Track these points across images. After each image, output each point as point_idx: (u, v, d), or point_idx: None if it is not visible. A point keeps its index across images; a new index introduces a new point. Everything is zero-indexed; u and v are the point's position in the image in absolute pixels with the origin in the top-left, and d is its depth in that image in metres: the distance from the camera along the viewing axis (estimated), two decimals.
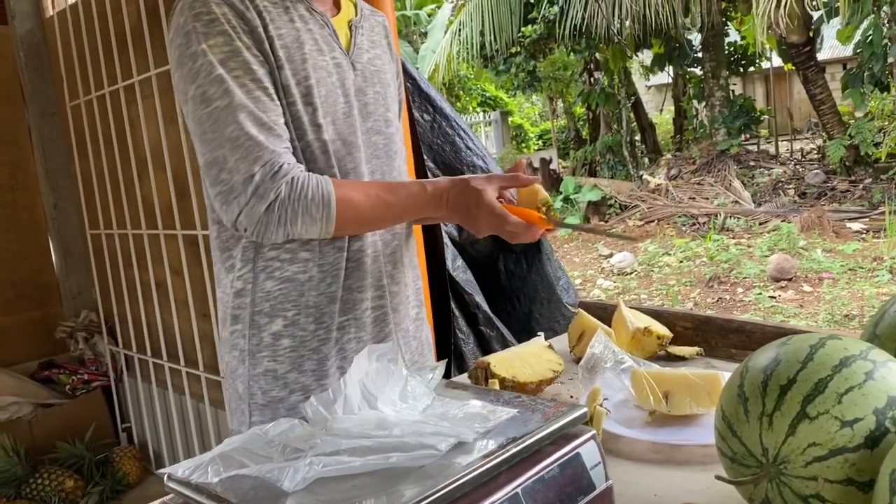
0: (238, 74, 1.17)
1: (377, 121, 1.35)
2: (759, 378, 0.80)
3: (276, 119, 1.19)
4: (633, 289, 7.04)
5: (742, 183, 9.90)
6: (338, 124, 1.27)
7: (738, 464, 0.80)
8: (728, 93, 11.40)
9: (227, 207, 1.17)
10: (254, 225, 1.17)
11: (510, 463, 0.78)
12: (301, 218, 1.17)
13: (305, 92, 1.22)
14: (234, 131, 1.15)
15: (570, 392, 1.31)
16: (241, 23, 1.18)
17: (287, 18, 1.23)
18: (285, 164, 1.16)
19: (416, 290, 1.47)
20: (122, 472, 3.13)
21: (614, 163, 12.58)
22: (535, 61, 12.85)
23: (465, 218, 1.22)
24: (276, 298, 1.27)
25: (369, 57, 1.36)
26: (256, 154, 1.15)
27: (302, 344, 1.28)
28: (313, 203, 1.16)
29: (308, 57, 1.23)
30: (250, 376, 1.29)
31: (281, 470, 0.73)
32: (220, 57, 1.16)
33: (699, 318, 1.49)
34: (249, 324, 1.28)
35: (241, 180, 1.15)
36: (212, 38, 1.17)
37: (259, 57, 1.19)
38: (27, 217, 3.68)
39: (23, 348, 3.62)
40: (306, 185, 1.16)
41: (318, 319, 1.28)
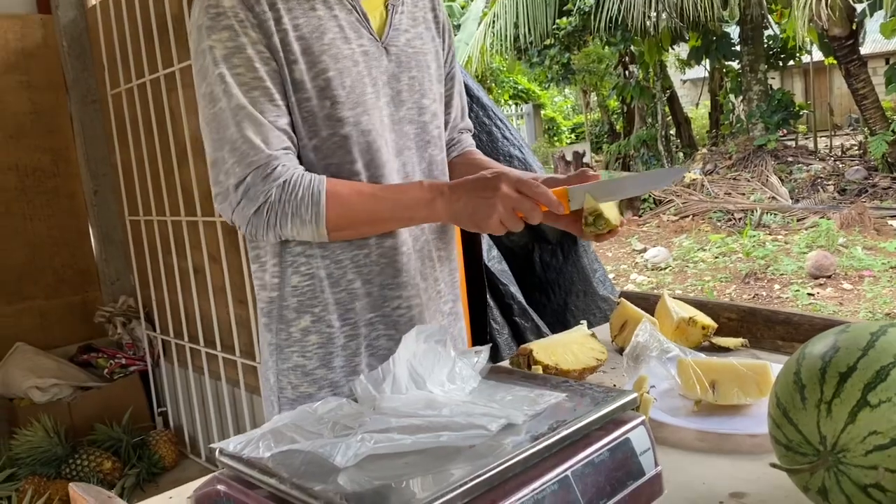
0: (240, 72, 1.15)
1: (410, 109, 1.30)
2: (817, 365, 0.78)
3: (275, 120, 1.16)
4: (668, 284, 6.97)
5: (779, 179, 9.75)
6: (365, 116, 1.22)
7: (793, 452, 0.79)
8: (766, 87, 11.22)
9: (221, 208, 1.18)
10: (245, 226, 1.17)
11: (560, 446, 0.77)
12: (290, 220, 1.15)
13: (323, 85, 1.18)
14: (232, 134, 1.14)
15: (612, 381, 1.30)
16: (249, 16, 1.14)
17: (308, 6, 1.19)
18: (279, 167, 1.14)
19: (450, 285, 1.42)
20: (159, 455, 3.18)
21: (648, 157, 12.46)
22: (569, 54, 12.77)
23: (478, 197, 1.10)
24: (303, 294, 1.25)
25: (407, 38, 1.30)
26: (251, 158, 1.13)
27: (330, 341, 1.26)
28: (303, 204, 1.14)
29: (328, 48, 1.18)
30: (279, 370, 1.29)
31: (333, 445, 0.73)
32: (223, 53, 1.14)
33: (744, 310, 1.47)
34: (278, 318, 1.28)
35: (234, 183, 1.14)
36: (216, 33, 1.15)
37: (265, 53, 1.15)
38: (68, 204, 3.75)
39: (63, 332, 3.69)
40: (297, 185, 1.14)
41: (342, 316, 1.26)
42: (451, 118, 1.47)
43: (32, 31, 3.58)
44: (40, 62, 3.60)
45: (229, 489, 0.76)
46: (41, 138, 3.64)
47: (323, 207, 1.14)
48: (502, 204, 1.08)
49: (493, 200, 1.08)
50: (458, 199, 1.12)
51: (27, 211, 3.62)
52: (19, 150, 3.57)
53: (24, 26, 3.56)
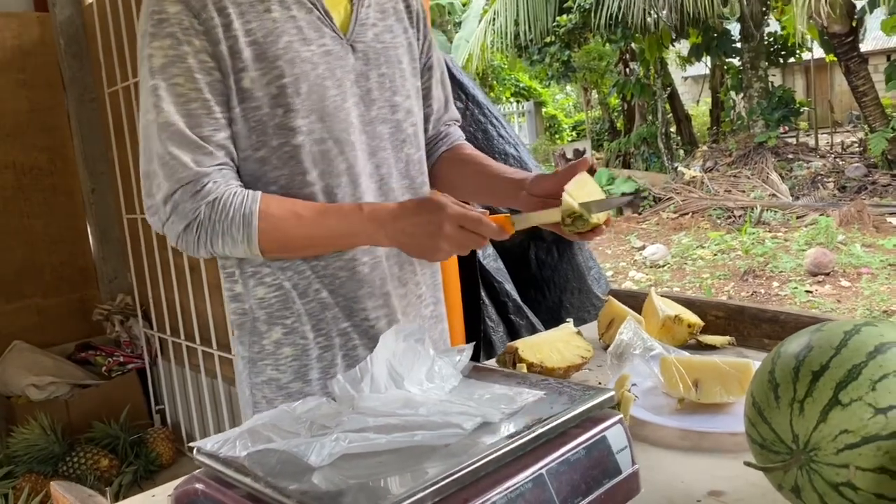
0: (177, 83, 1.09)
1: (382, 108, 1.24)
2: (790, 364, 0.78)
3: (209, 135, 1.11)
4: (666, 281, 6.97)
5: (780, 176, 9.73)
6: (327, 121, 1.16)
7: (767, 450, 0.79)
8: (767, 84, 11.19)
9: (152, 221, 1.14)
10: (175, 241, 1.13)
11: (535, 444, 0.78)
12: (221, 239, 1.10)
13: (277, 93, 1.12)
14: (159, 148, 1.09)
15: (598, 379, 1.30)
16: (195, 23, 1.08)
17: (262, 8, 1.12)
18: (210, 184, 1.09)
19: (432, 287, 1.37)
20: (156, 453, 3.19)
21: (649, 154, 12.44)
22: (569, 51, 12.74)
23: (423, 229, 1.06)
24: (271, 306, 1.21)
25: (375, 33, 1.24)
26: (179, 174, 1.08)
27: (304, 353, 1.21)
28: (234, 224, 1.09)
29: (284, 52, 1.12)
30: (253, 384, 1.25)
31: (308, 445, 0.74)
32: (161, 62, 1.09)
33: (731, 308, 1.47)
34: (250, 331, 1.23)
35: (162, 198, 1.10)
36: (157, 41, 1.09)
37: (208, 63, 1.10)
38: (66, 202, 3.76)
39: (61, 330, 3.71)
40: (228, 204, 1.09)
41: (315, 327, 1.21)
42: (434, 110, 1.40)
43: (29, 29, 3.59)
44: (37, 60, 3.60)
45: (207, 488, 0.77)
46: (38, 136, 3.65)
47: (255, 229, 1.09)
48: (447, 243, 1.05)
49: (436, 241, 1.05)
50: (400, 231, 1.08)
51: (25, 209, 3.64)
52: (16, 148, 3.58)
53: (21, 24, 3.57)
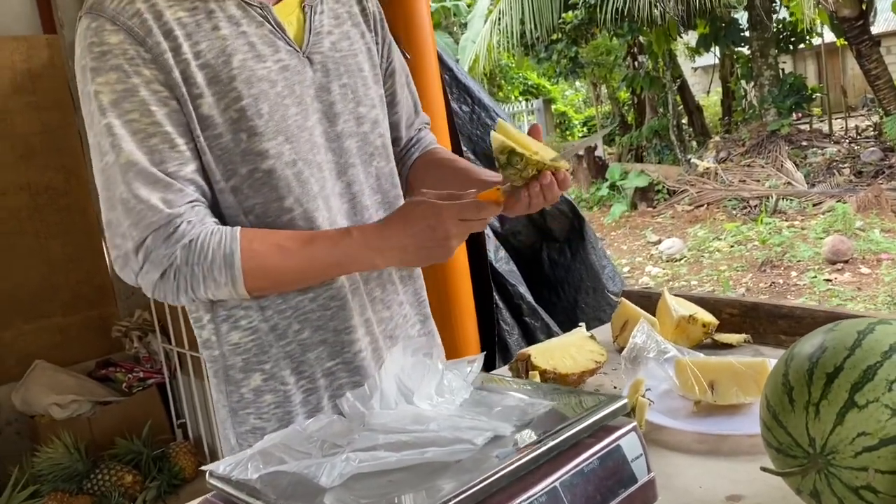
0: (133, 118, 1.00)
1: (347, 121, 1.16)
2: (804, 366, 0.77)
3: (176, 170, 1.02)
4: (683, 275, 6.92)
5: (794, 163, 9.64)
6: (288, 145, 1.08)
7: (784, 454, 0.78)
8: (778, 71, 11.09)
9: (123, 273, 1.05)
10: (151, 291, 1.05)
11: (548, 456, 0.77)
12: (203, 283, 1.03)
13: (237, 117, 1.04)
14: (123, 192, 1.00)
15: (613, 383, 1.29)
16: (140, 51, 0.99)
17: (210, 27, 1.04)
18: (183, 225, 1.01)
19: (416, 305, 1.29)
20: (179, 467, 3.21)
21: (661, 147, 12.37)
22: (576, 47, 12.70)
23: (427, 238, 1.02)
24: (247, 351, 1.12)
25: (332, 41, 1.16)
26: (149, 219, 1.00)
27: (286, 399, 1.13)
28: (215, 266, 1.02)
29: (239, 72, 1.04)
30: (238, 434, 1.16)
31: (318, 466, 0.74)
32: (111, 97, 1.00)
33: (746, 305, 1.46)
34: (225, 379, 1.15)
35: (132, 247, 1.01)
36: (102, 75, 0.99)
37: (162, 92, 1.01)
38: (81, 220, 3.78)
39: (81, 348, 3.73)
40: (207, 245, 1.01)
41: (296, 370, 1.13)
42: (403, 117, 1.33)
43: (38, 51, 3.63)
44: (47, 82, 3.64)
45: None
46: (51, 157, 3.68)
47: (238, 270, 1.02)
48: (455, 240, 1.02)
49: (444, 243, 1.02)
50: (398, 248, 1.04)
51: (41, 229, 3.67)
52: (30, 169, 3.62)
53: (30, 47, 3.60)
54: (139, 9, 1.00)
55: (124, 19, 1.00)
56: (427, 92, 2.15)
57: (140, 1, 1.01)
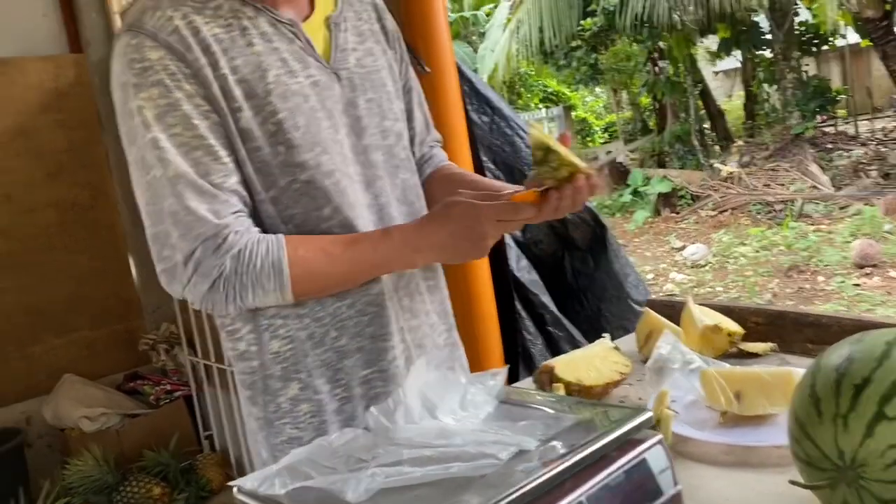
0: (176, 132, 1.02)
1: (373, 135, 1.18)
2: (831, 377, 0.77)
3: (221, 181, 1.04)
4: (708, 281, 6.86)
5: (820, 167, 9.53)
6: (325, 156, 1.10)
7: (813, 467, 0.77)
8: (801, 74, 11.00)
9: (170, 286, 1.07)
10: (200, 303, 1.07)
11: (573, 470, 0.77)
12: (252, 291, 1.05)
13: (274, 130, 1.07)
14: (172, 205, 1.02)
15: (638, 394, 1.28)
16: (181, 66, 1.02)
17: (244, 43, 1.06)
18: (230, 235, 1.03)
19: (442, 315, 1.30)
20: (206, 479, 3.23)
21: (683, 153, 12.29)
22: (596, 54, 12.68)
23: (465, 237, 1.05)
24: (287, 360, 1.13)
25: (357, 57, 1.19)
26: (198, 230, 1.02)
27: (321, 409, 1.14)
28: (263, 274, 1.04)
29: (274, 86, 1.07)
30: (272, 445, 1.16)
31: (344, 481, 0.74)
32: (155, 112, 1.02)
33: (772, 313, 1.44)
34: (263, 390, 1.15)
35: (182, 259, 1.03)
36: (145, 91, 1.01)
37: (203, 106, 1.04)
38: (108, 236, 3.84)
39: (109, 361, 3.78)
40: (255, 254, 1.04)
41: (331, 378, 1.14)
42: (417, 133, 1.35)
43: (65, 70, 3.69)
44: (74, 100, 3.70)
45: None
46: (78, 174, 3.74)
47: (286, 277, 1.04)
48: (490, 240, 1.06)
49: (480, 243, 1.05)
50: (437, 247, 1.07)
51: (69, 245, 3.72)
52: (58, 186, 3.68)
53: (57, 67, 3.67)
54: (178, 25, 1.03)
55: (164, 36, 1.02)
56: (446, 103, 2.16)
57: (178, 18, 1.03)
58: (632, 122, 15.39)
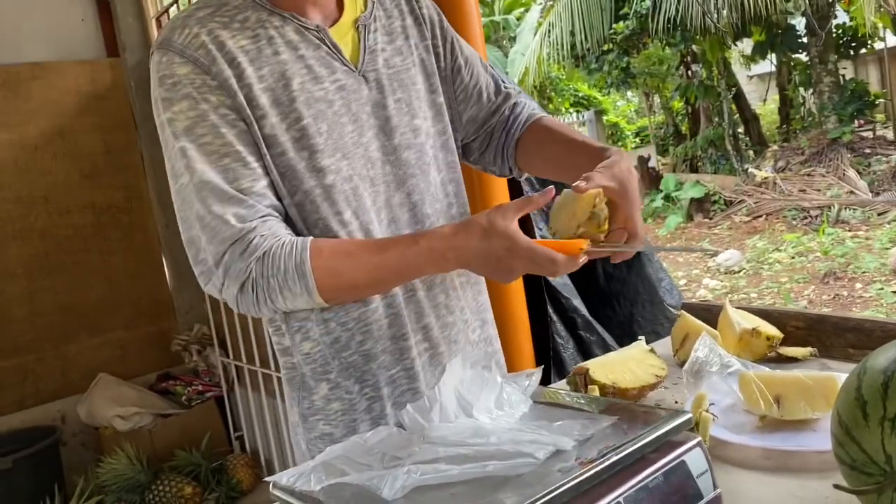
0: (206, 141, 1.06)
1: (404, 133, 1.19)
2: (878, 380, 0.74)
3: (248, 186, 1.07)
4: (742, 288, 6.76)
5: (857, 172, 9.35)
6: (345, 161, 1.12)
7: (858, 471, 0.75)
8: (838, 77, 10.82)
9: (207, 288, 1.10)
10: (235, 305, 1.10)
11: (611, 471, 0.76)
12: (281, 293, 1.06)
13: (298, 136, 1.09)
14: (199, 210, 1.06)
15: (674, 397, 1.26)
16: (207, 79, 1.06)
17: (270, 52, 1.10)
18: (256, 238, 1.05)
19: (476, 311, 1.31)
20: (237, 479, 3.26)
21: (717, 157, 12.16)
22: (628, 57, 12.59)
23: (493, 266, 1.03)
24: (316, 361, 1.17)
25: (385, 58, 1.20)
26: (223, 234, 1.05)
27: (351, 407, 1.17)
28: (289, 277, 1.05)
29: (298, 94, 1.09)
30: (308, 439, 1.20)
31: (380, 478, 0.74)
32: (185, 125, 1.06)
33: (812, 317, 1.41)
34: (300, 386, 1.20)
35: (213, 262, 1.06)
36: (175, 104, 1.06)
37: (230, 115, 1.07)
38: (142, 238, 3.90)
39: (142, 361, 3.84)
40: (279, 257, 1.05)
41: (360, 379, 1.16)
42: (484, 104, 1.34)
43: (102, 74, 3.76)
44: (110, 104, 3.77)
45: None
46: (114, 176, 3.80)
47: (311, 280, 1.05)
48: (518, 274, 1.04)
49: (508, 276, 1.04)
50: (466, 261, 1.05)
51: (104, 247, 3.79)
52: (94, 188, 3.75)
53: (94, 71, 3.74)
54: (204, 41, 1.07)
55: (191, 52, 1.06)
56: None
57: (205, 34, 1.07)
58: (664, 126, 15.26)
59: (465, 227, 1.05)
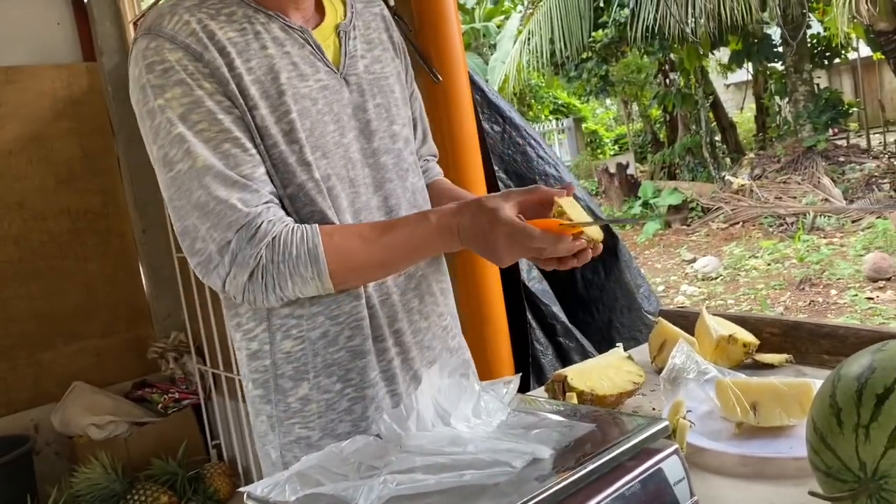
0: (202, 128, 1.04)
1: (383, 138, 1.20)
2: (852, 387, 0.75)
3: (250, 172, 1.06)
4: (719, 294, 6.82)
5: (832, 180, 9.47)
6: (324, 160, 1.12)
7: (833, 478, 0.76)
8: (812, 87, 10.95)
9: (208, 279, 1.07)
10: (241, 294, 1.07)
11: (588, 479, 0.76)
12: (290, 279, 1.05)
13: (288, 129, 1.09)
14: (200, 197, 1.03)
15: (651, 404, 1.27)
16: (199, 66, 1.04)
17: (258, 46, 1.09)
18: (264, 224, 1.04)
19: (455, 318, 1.33)
20: (214, 488, 3.22)
21: (694, 165, 12.27)
22: (607, 66, 12.68)
23: (481, 244, 1.05)
24: (298, 360, 1.14)
25: (366, 63, 1.21)
26: (230, 219, 1.03)
27: (330, 407, 1.15)
28: (300, 261, 1.04)
29: (286, 88, 1.09)
30: (282, 445, 1.17)
31: (356, 488, 0.73)
32: (179, 111, 1.04)
33: (787, 324, 1.42)
34: (274, 389, 1.16)
35: (216, 249, 1.04)
36: (168, 91, 1.04)
37: (225, 102, 1.06)
38: (119, 243, 3.85)
39: (118, 369, 3.79)
40: (290, 242, 1.04)
41: (343, 378, 1.15)
42: (417, 143, 1.37)
43: (79, 78, 3.72)
44: (87, 108, 3.73)
45: None
46: (90, 181, 3.76)
47: (324, 264, 1.04)
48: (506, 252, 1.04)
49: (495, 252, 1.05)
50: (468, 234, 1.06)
51: (80, 252, 3.74)
52: (71, 193, 3.70)
53: (71, 75, 3.70)
54: (194, 28, 1.06)
55: (182, 38, 1.05)
56: (459, 112, 2.16)
57: (195, 22, 1.07)
58: (642, 134, 15.37)
59: (466, 204, 1.09)
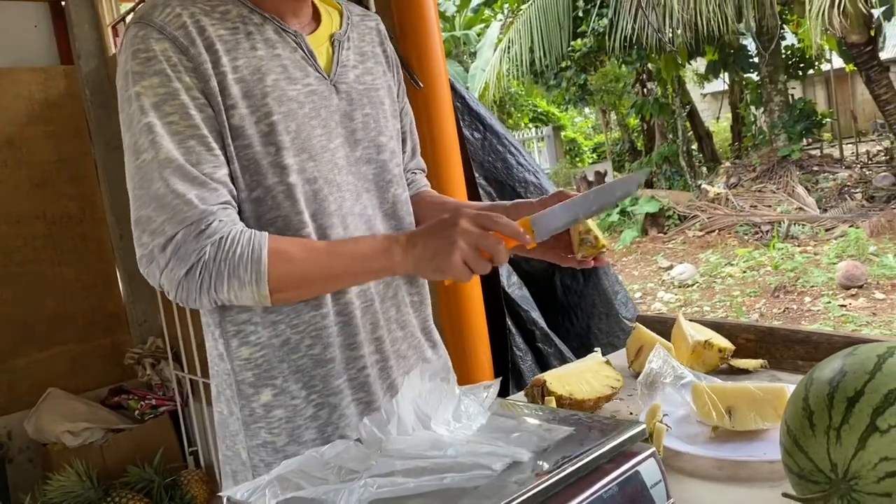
0: (173, 120, 1.04)
1: (367, 148, 1.21)
2: (824, 390, 0.77)
3: (211, 171, 1.05)
4: (696, 301, 6.89)
5: (806, 189, 9.62)
6: (311, 163, 1.12)
7: (806, 480, 0.77)
8: (787, 97, 11.12)
9: (148, 271, 1.06)
10: (175, 290, 1.05)
11: (567, 482, 0.77)
12: (227, 281, 1.03)
13: (267, 131, 1.09)
14: (160, 188, 1.02)
15: (629, 408, 1.28)
16: (183, 59, 1.05)
17: (248, 46, 1.10)
18: (215, 223, 1.03)
19: (426, 331, 1.33)
20: (191, 495, 3.19)
21: (671, 173, 12.38)
22: (585, 75, 12.79)
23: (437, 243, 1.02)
24: (259, 367, 1.14)
25: (357, 74, 1.22)
26: (183, 214, 1.01)
27: (296, 414, 1.14)
28: (241, 262, 1.02)
29: (271, 90, 1.09)
30: (249, 447, 1.16)
31: (336, 492, 0.74)
32: (153, 100, 1.04)
33: (762, 330, 1.45)
34: (237, 393, 1.16)
35: (162, 242, 1.02)
36: (146, 79, 1.04)
37: (200, 99, 1.05)
38: (95, 248, 3.82)
39: (94, 375, 3.75)
40: (236, 242, 1.03)
41: (307, 384, 1.14)
42: (405, 156, 1.38)
43: (56, 82, 3.69)
44: (64, 112, 3.69)
45: None
46: (67, 185, 3.72)
47: (264, 265, 1.03)
48: (464, 240, 0.99)
49: (453, 238, 0.99)
50: (415, 243, 1.04)
51: (56, 258, 3.70)
52: (46, 198, 3.66)
53: (48, 78, 3.66)
54: (185, 22, 1.07)
55: (171, 30, 1.06)
56: (440, 119, 2.17)
57: (186, 16, 1.07)
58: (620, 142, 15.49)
59: (422, 227, 1.10)
